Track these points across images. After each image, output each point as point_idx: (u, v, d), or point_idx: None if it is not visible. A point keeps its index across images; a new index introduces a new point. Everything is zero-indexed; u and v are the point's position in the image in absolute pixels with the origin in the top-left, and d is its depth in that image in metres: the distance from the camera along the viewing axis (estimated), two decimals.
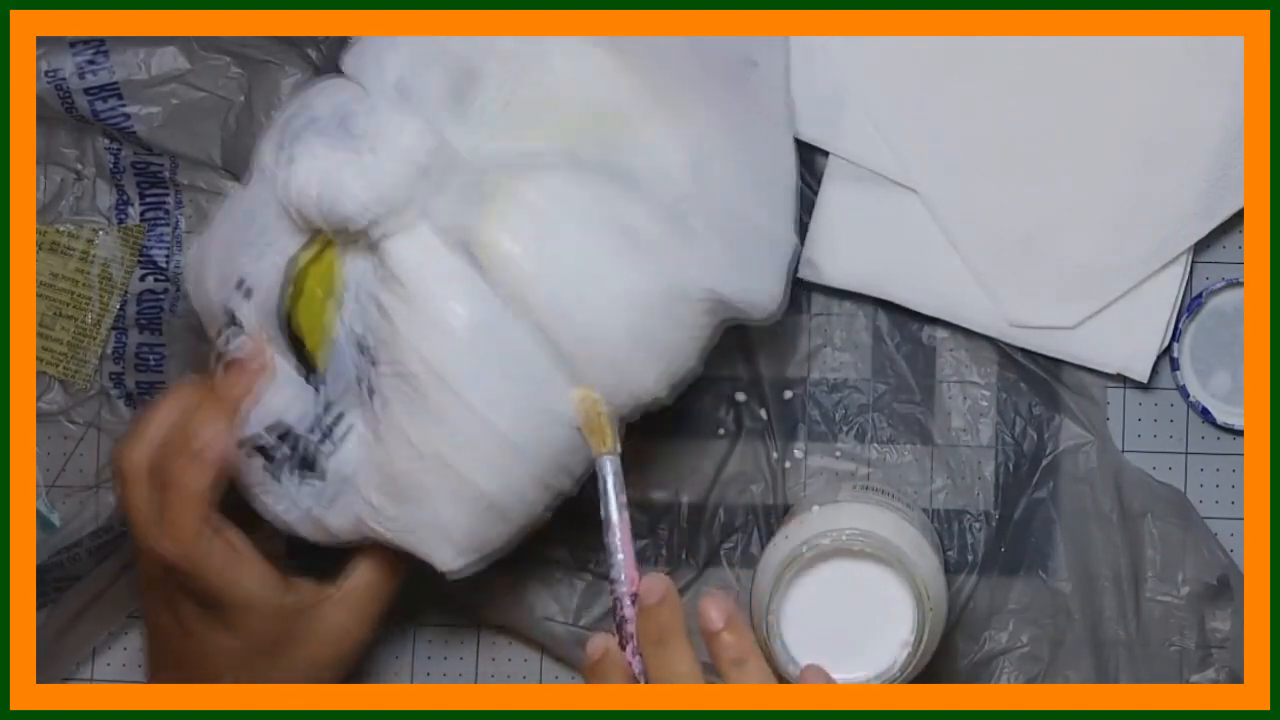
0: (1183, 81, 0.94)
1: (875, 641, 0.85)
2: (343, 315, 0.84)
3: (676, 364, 0.85)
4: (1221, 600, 0.95)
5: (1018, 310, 0.95)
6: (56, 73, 0.96)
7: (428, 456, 0.82)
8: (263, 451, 0.85)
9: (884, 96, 0.95)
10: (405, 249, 0.83)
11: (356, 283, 0.84)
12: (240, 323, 0.86)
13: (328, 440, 0.85)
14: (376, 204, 0.82)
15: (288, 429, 0.85)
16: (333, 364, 0.85)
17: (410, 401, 0.82)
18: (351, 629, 0.89)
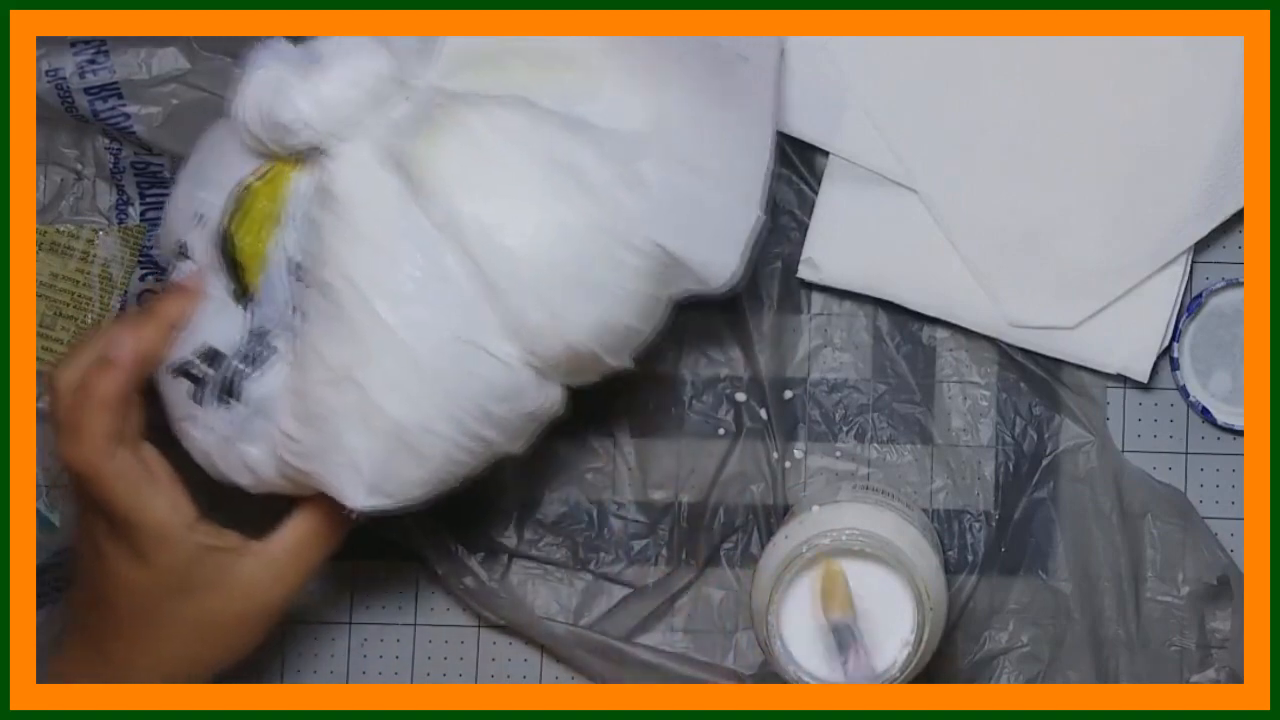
0: (1183, 81, 0.94)
1: (875, 642, 0.84)
2: (282, 239, 0.83)
3: (612, 314, 0.82)
4: (1221, 600, 0.95)
5: (1018, 310, 0.95)
6: (57, 72, 0.96)
7: (339, 376, 0.80)
8: (189, 375, 0.84)
9: (884, 96, 0.95)
10: (343, 165, 0.82)
11: (296, 205, 0.83)
12: (189, 253, 0.86)
13: (253, 365, 0.83)
14: (318, 117, 0.81)
15: (215, 352, 0.84)
16: (266, 289, 0.84)
17: (328, 317, 0.81)
18: (269, 588, 0.86)
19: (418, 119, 0.83)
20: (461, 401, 0.81)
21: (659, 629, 0.96)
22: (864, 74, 0.95)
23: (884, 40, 0.94)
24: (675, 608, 0.96)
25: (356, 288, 0.80)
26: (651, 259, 0.83)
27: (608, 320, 0.82)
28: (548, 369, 0.83)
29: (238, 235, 0.84)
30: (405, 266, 0.80)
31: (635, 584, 0.97)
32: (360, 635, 0.97)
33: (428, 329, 0.80)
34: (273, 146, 0.83)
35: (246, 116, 0.83)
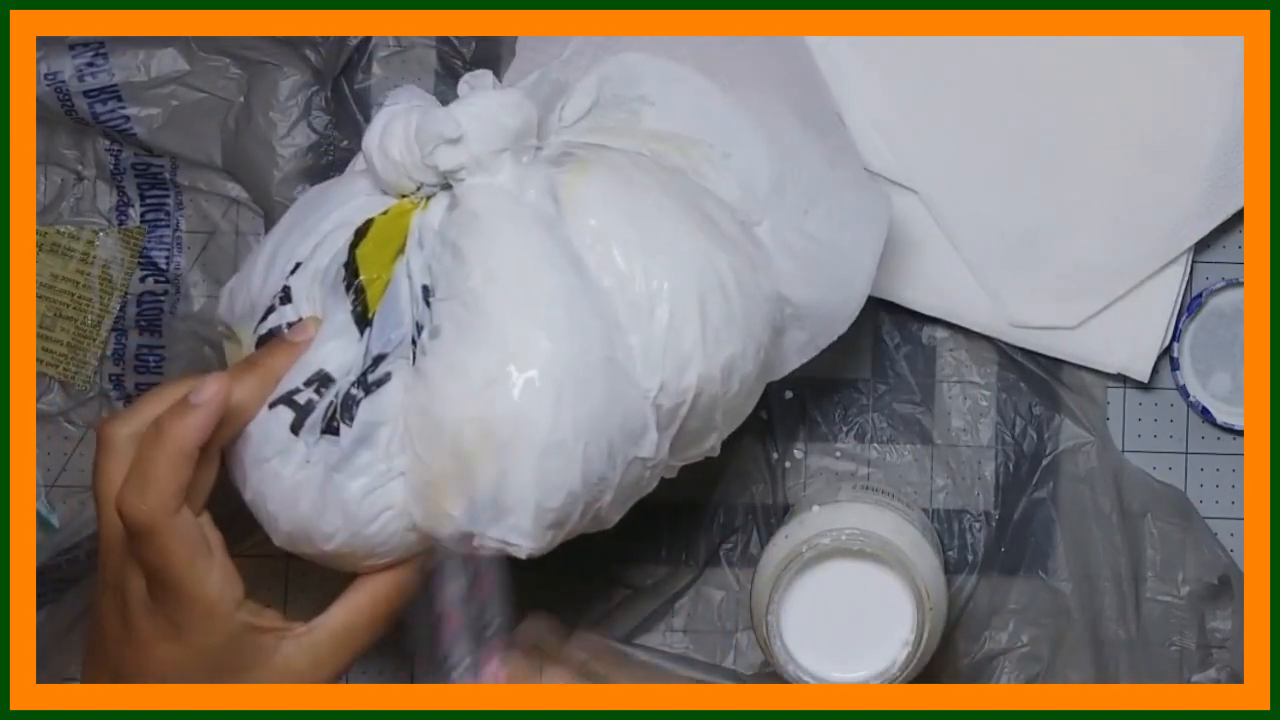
0: (1183, 81, 0.94)
1: (875, 641, 0.84)
2: (407, 263, 0.80)
3: (741, 364, 0.81)
4: (1221, 600, 0.95)
5: (1018, 310, 0.95)
6: (56, 75, 0.96)
7: (482, 384, 0.76)
8: (292, 405, 0.79)
9: (884, 96, 0.95)
10: (486, 189, 0.80)
11: (424, 231, 0.80)
12: (290, 297, 0.82)
13: (367, 390, 0.78)
14: (475, 131, 0.79)
15: (327, 377, 0.79)
16: (386, 312, 0.80)
17: (467, 325, 0.77)
18: (306, 674, 0.80)
19: (560, 156, 0.82)
20: (597, 424, 0.77)
21: (659, 629, 0.96)
22: (864, 74, 0.95)
23: (884, 40, 0.94)
24: (675, 608, 0.96)
25: (504, 294, 0.77)
26: (775, 310, 0.83)
27: (737, 363, 0.81)
28: (666, 415, 0.80)
29: (361, 258, 0.81)
30: (552, 281, 0.78)
31: (635, 584, 0.96)
32: None
33: (577, 342, 0.77)
34: (414, 172, 0.81)
35: (387, 143, 0.80)
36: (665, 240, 0.80)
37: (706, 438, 0.83)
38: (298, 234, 0.83)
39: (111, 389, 0.98)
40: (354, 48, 0.97)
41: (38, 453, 0.97)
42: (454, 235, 0.79)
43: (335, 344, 0.80)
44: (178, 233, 0.98)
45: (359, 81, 0.97)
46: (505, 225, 0.79)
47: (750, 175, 0.85)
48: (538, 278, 0.78)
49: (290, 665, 0.79)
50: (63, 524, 0.97)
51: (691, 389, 0.80)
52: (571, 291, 0.78)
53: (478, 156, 0.80)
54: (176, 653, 0.78)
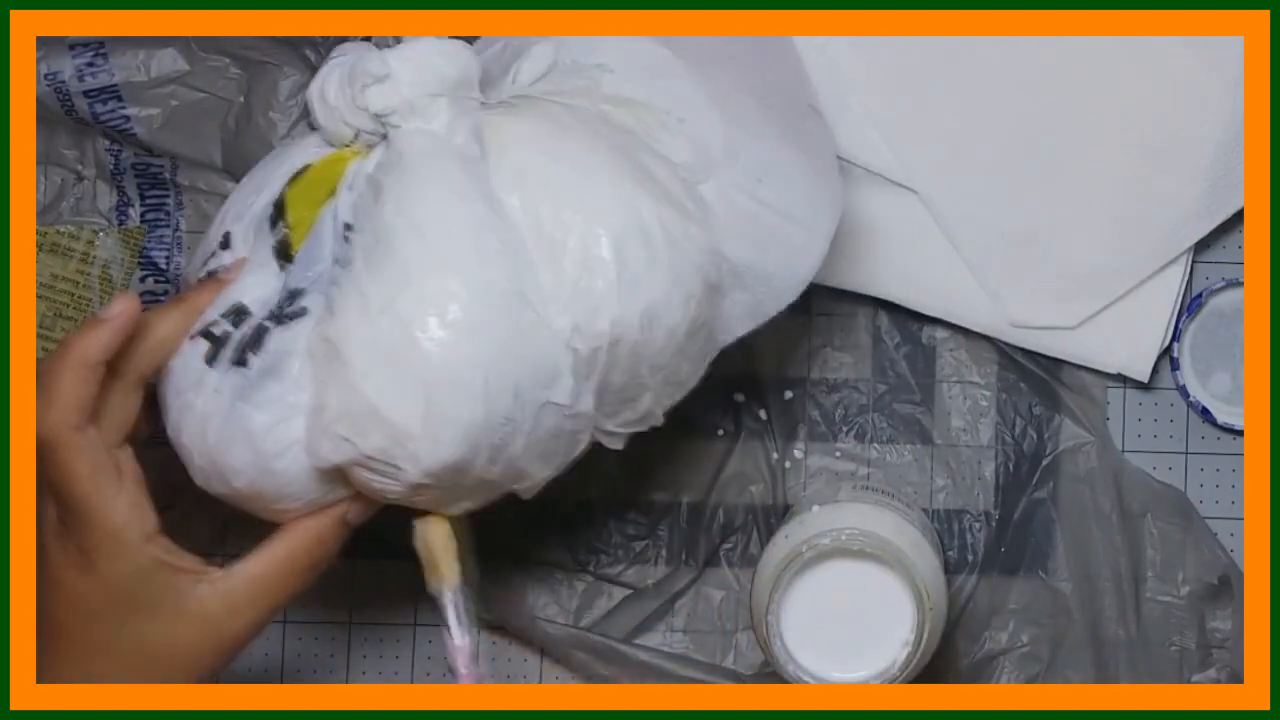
0: (1183, 81, 0.94)
1: (875, 641, 0.85)
2: (334, 205, 0.81)
3: (664, 313, 0.79)
4: (1221, 600, 0.95)
5: (1018, 310, 0.95)
6: (56, 75, 0.96)
7: (378, 308, 0.76)
8: (209, 336, 0.79)
9: (884, 96, 0.95)
10: (414, 133, 0.80)
11: (357, 176, 0.81)
12: (230, 243, 0.82)
13: (280, 323, 0.79)
14: (407, 76, 0.79)
15: (243, 309, 0.80)
16: (308, 249, 0.80)
17: (377, 256, 0.77)
18: (222, 621, 0.79)
19: (498, 105, 0.82)
20: (500, 359, 0.76)
21: (659, 630, 0.96)
22: (864, 74, 0.95)
23: (884, 40, 0.94)
24: (675, 608, 0.96)
25: (414, 226, 0.77)
26: (710, 265, 0.80)
27: (657, 310, 0.79)
28: (583, 362, 0.78)
29: (290, 199, 0.82)
30: (466, 214, 0.77)
31: (635, 585, 0.96)
32: (360, 635, 0.97)
33: (481, 273, 0.76)
34: (346, 115, 0.81)
35: (325, 87, 0.81)
36: (585, 181, 0.79)
37: (639, 397, 0.81)
38: (249, 188, 0.84)
39: None
40: None
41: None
42: (378, 174, 0.80)
43: (255, 277, 0.80)
44: (178, 233, 0.98)
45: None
46: (425, 162, 0.79)
47: (704, 141, 0.82)
48: (447, 211, 0.77)
49: (204, 608, 0.78)
50: None
51: (605, 334, 0.78)
52: (480, 224, 0.77)
53: (410, 101, 0.80)
54: (84, 583, 0.77)
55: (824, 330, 0.97)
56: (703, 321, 0.81)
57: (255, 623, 0.80)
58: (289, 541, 0.80)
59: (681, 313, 0.80)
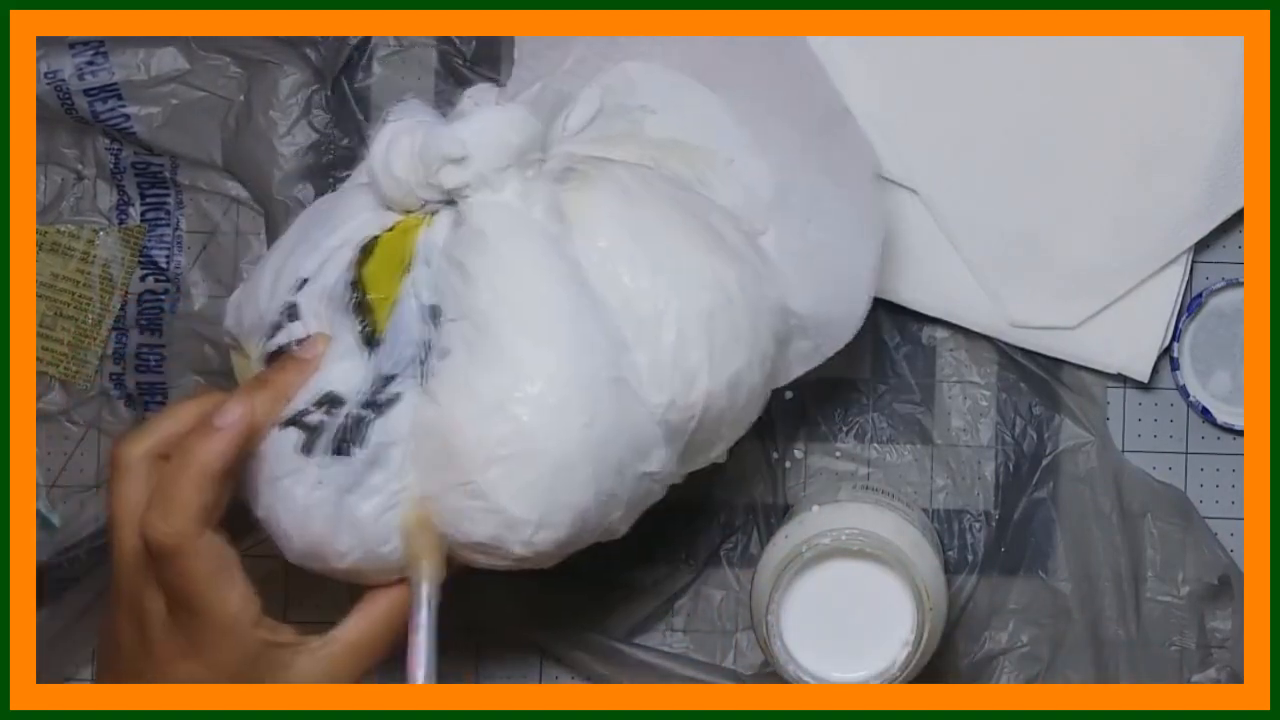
0: (1183, 81, 0.94)
1: (875, 641, 0.84)
2: (413, 282, 0.80)
3: (748, 377, 0.82)
4: (1221, 600, 0.95)
5: (1018, 310, 0.95)
6: (56, 74, 0.96)
7: (491, 407, 0.77)
8: (303, 425, 0.79)
9: (884, 96, 0.95)
10: (492, 206, 0.80)
11: (429, 249, 0.80)
12: (298, 314, 0.82)
13: (377, 411, 0.79)
14: (479, 149, 0.79)
15: (336, 398, 0.79)
16: (394, 332, 0.80)
17: (479, 348, 0.78)
18: None
19: (563, 172, 0.82)
20: (606, 444, 0.78)
21: (659, 629, 0.96)
22: (864, 74, 0.95)
23: (884, 40, 0.94)
24: (675, 608, 0.96)
25: (514, 315, 0.77)
26: (781, 321, 0.83)
27: (743, 376, 0.81)
28: (674, 430, 0.80)
29: (367, 277, 0.81)
30: (560, 300, 0.78)
31: (635, 584, 0.96)
32: None
33: (587, 363, 0.78)
34: (418, 190, 0.81)
35: (392, 161, 0.80)
36: (672, 257, 0.80)
37: (713, 447, 0.84)
38: (303, 249, 0.83)
39: (112, 388, 0.98)
40: (354, 47, 0.97)
41: (38, 452, 0.97)
42: (460, 254, 0.79)
43: (344, 365, 0.80)
44: (178, 232, 0.98)
45: (359, 80, 0.97)
46: (512, 243, 0.79)
47: (753, 181, 0.85)
48: (546, 298, 0.78)
49: (306, 679, 0.80)
50: (63, 523, 0.97)
51: (700, 404, 0.80)
52: (580, 311, 0.78)
53: (483, 174, 0.80)
54: (195, 670, 0.78)
55: None
56: (773, 373, 0.84)
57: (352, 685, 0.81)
58: (385, 606, 0.81)
59: (760, 373, 0.82)
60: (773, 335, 0.83)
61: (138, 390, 0.98)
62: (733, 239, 0.82)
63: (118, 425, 0.98)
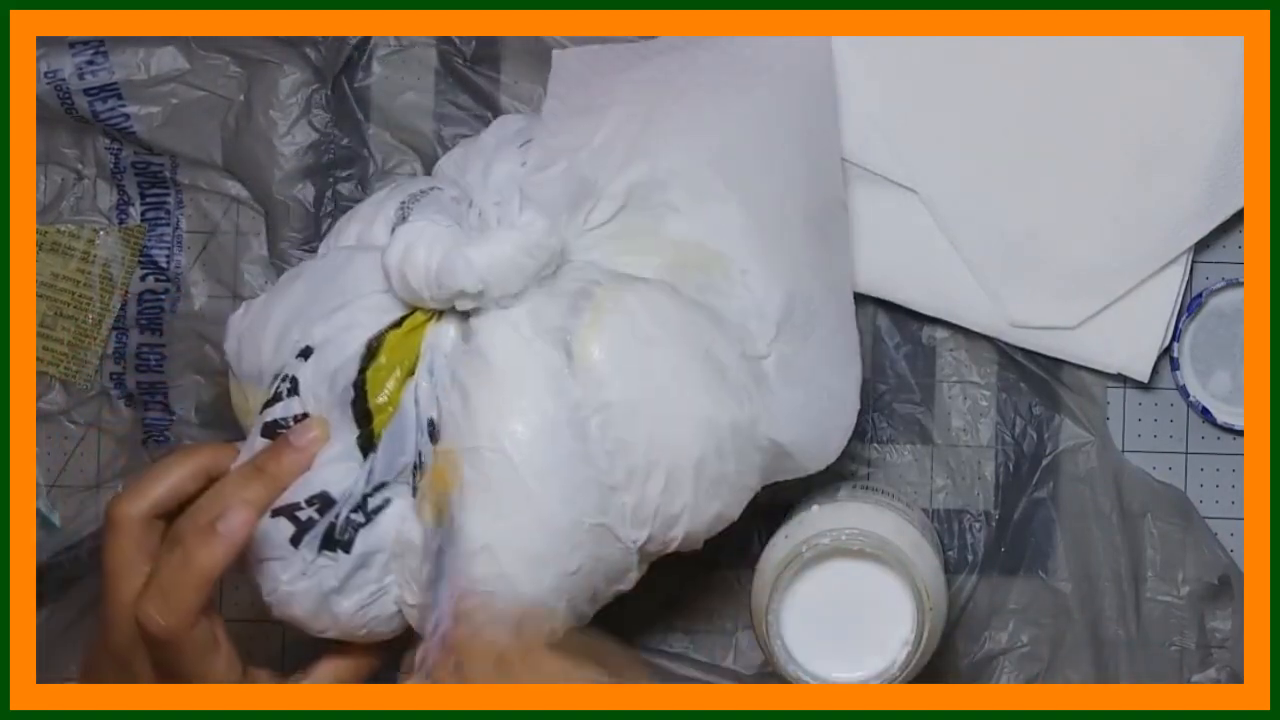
0: (1183, 81, 0.94)
1: (875, 641, 0.84)
2: (415, 391, 0.81)
3: (730, 507, 0.84)
4: (1221, 600, 0.95)
5: (1018, 310, 0.95)
6: (56, 73, 0.96)
7: (477, 548, 0.79)
8: (294, 519, 0.81)
9: (884, 96, 0.95)
10: (499, 330, 0.80)
11: (433, 359, 0.81)
12: (298, 390, 0.83)
13: (366, 516, 0.81)
14: (493, 279, 0.80)
15: (328, 499, 0.81)
16: (391, 440, 0.81)
17: (474, 487, 0.79)
18: None
19: (578, 294, 0.81)
20: (581, 583, 0.81)
21: (659, 629, 0.96)
22: (864, 74, 0.95)
23: (884, 40, 0.94)
24: (675, 608, 0.96)
25: (508, 457, 0.79)
26: (767, 455, 0.84)
27: (724, 515, 0.84)
28: (649, 555, 0.84)
29: (371, 379, 0.82)
30: (557, 444, 0.79)
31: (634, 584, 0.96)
32: None
33: (569, 509, 0.80)
34: (430, 302, 0.81)
35: (409, 270, 0.80)
36: (672, 408, 0.81)
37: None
38: (313, 312, 0.84)
39: (112, 387, 0.98)
40: (354, 46, 0.97)
41: (38, 452, 0.97)
42: (463, 375, 0.80)
43: (339, 467, 0.82)
44: (178, 231, 0.98)
45: (359, 80, 0.97)
46: (513, 373, 0.80)
47: (764, 296, 0.84)
48: (539, 445, 0.79)
49: None
50: (63, 523, 0.97)
51: (678, 539, 0.83)
52: (572, 461, 0.80)
53: (495, 298, 0.81)
54: None
55: None
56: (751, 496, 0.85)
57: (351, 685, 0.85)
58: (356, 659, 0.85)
59: (739, 507, 0.84)
60: (758, 471, 0.84)
61: (138, 390, 0.98)
62: (734, 374, 0.82)
63: (118, 425, 0.98)
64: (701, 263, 0.84)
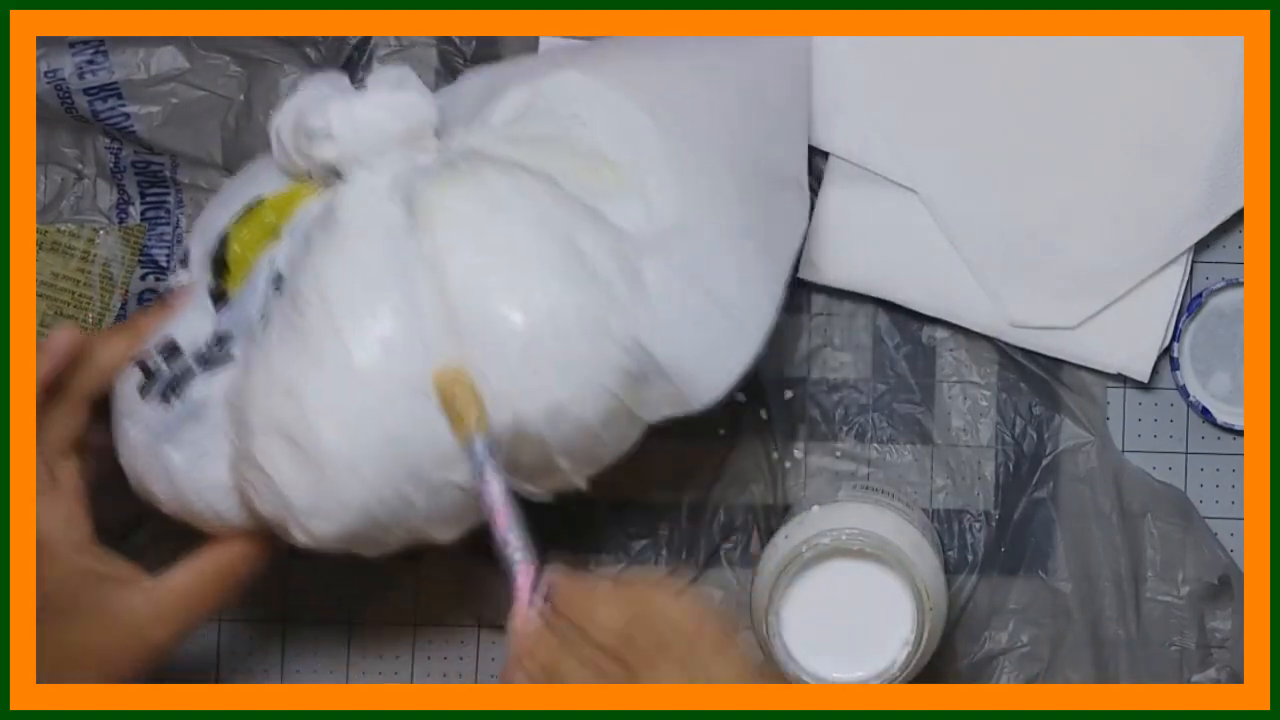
0: (1183, 81, 0.94)
1: (875, 641, 0.85)
2: (274, 252, 0.82)
3: (573, 402, 0.78)
4: (1221, 600, 0.95)
5: (1018, 310, 0.95)
6: (56, 73, 0.96)
7: (282, 387, 0.78)
8: (144, 368, 0.82)
9: (884, 96, 0.95)
10: (354, 190, 0.81)
11: (299, 221, 0.82)
12: (188, 262, 0.85)
13: (205, 367, 0.81)
14: (347, 132, 0.80)
15: (175, 347, 0.82)
16: (243, 294, 0.82)
17: (289, 326, 0.79)
18: (149, 626, 0.81)
19: (444, 165, 0.81)
20: (396, 450, 0.78)
21: None
22: (864, 74, 0.95)
23: (884, 40, 0.94)
24: None
25: (327, 303, 0.78)
26: (631, 358, 0.80)
27: (566, 407, 0.79)
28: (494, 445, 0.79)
29: (234, 238, 0.84)
30: (381, 297, 0.78)
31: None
32: (360, 635, 0.97)
33: (385, 364, 0.77)
34: (296, 158, 0.82)
35: (280, 125, 0.82)
36: (506, 273, 0.78)
37: (553, 473, 0.82)
38: (219, 203, 0.86)
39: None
40: (354, 46, 0.97)
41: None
42: (313, 230, 0.81)
43: (192, 316, 0.83)
44: (178, 230, 0.98)
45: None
46: (354, 233, 0.80)
47: (660, 210, 0.82)
48: (362, 294, 0.78)
49: (131, 615, 0.81)
50: None
51: (507, 425, 0.78)
52: (393, 311, 0.78)
53: (357, 155, 0.81)
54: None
55: (824, 330, 0.97)
56: (621, 411, 0.81)
57: (179, 632, 0.82)
58: (216, 557, 0.83)
59: (593, 408, 0.79)
60: (616, 370, 0.79)
61: None
62: (598, 262, 0.79)
63: None
64: (595, 168, 0.82)
